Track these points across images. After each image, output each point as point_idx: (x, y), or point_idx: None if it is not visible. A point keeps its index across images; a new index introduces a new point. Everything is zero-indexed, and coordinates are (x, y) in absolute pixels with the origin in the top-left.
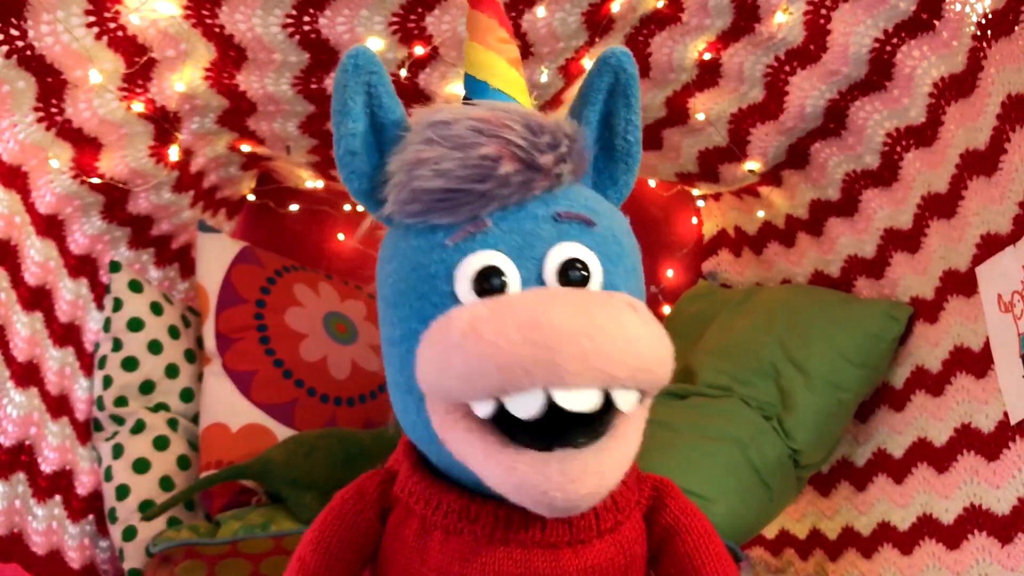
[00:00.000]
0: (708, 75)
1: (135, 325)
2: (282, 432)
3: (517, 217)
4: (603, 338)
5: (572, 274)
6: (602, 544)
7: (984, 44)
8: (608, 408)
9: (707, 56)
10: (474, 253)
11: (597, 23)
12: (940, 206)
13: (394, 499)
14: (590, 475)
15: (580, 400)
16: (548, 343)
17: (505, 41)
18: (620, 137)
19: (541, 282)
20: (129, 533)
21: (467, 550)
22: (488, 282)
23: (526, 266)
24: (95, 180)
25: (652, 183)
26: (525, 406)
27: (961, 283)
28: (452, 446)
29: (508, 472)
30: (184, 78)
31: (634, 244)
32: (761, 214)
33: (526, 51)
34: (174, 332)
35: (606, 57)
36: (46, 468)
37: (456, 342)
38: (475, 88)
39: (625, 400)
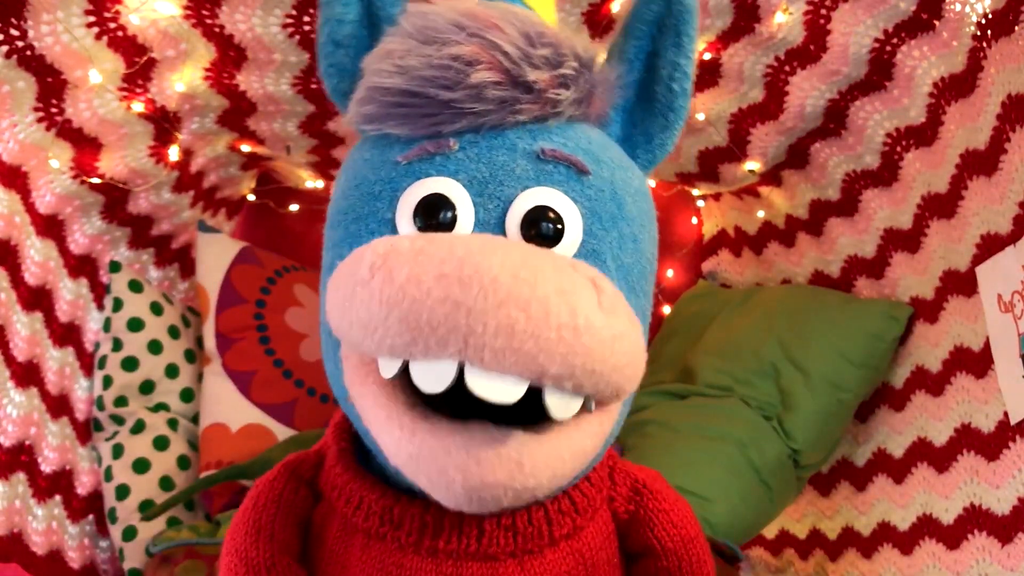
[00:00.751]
0: (708, 75)
1: (135, 325)
2: (282, 432)
3: (491, 144)
4: (543, 317)
5: (543, 227)
6: (555, 554)
7: (984, 44)
8: (539, 404)
9: (707, 56)
10: (427, 178)
11: (597, 23)
12: (940, 206)
13: (320, 490)
14: (504, 462)
15: (496, 388)
16: (470, 304)
17: None
18: (663, 84)
19: (501, 229)
20: (129, 533)
21: (389, 561)
22: (434, 216)
23: (486, 206)
24: (95, 180)
25: (652, 183)
26: (429, 377)
27: (961, 283)
28: (359, 403)
29: (407, 437)
30: (184, 78)
31: (645, 211)
32: (761, 214)
33: None
34: (174, 332)
35: None
36: (46, 468)
37: (363, 277)
38: None
39: (559, 405)
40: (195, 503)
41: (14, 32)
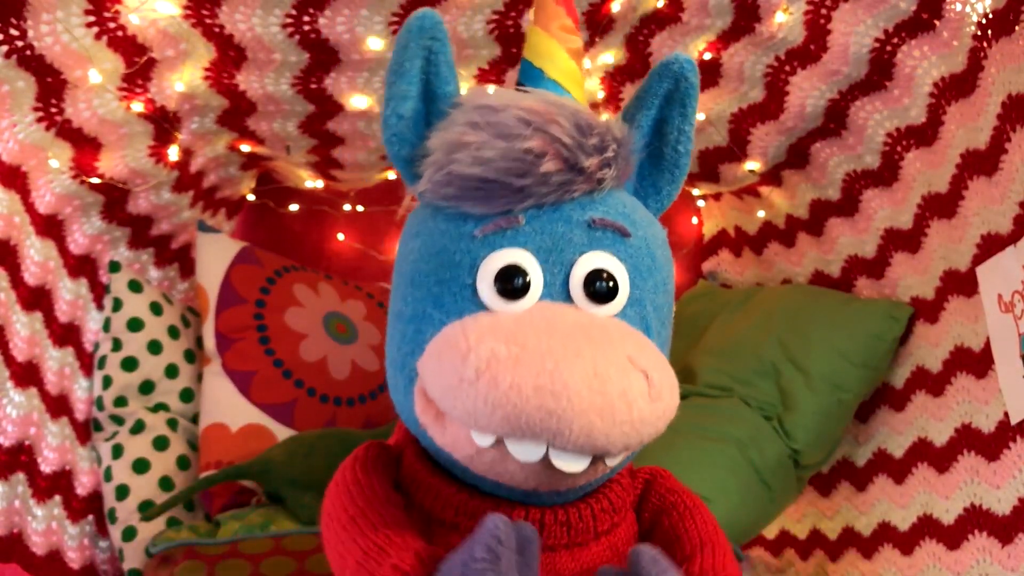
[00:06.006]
0: (708, 75)
1: (135, 325)
2: (282, 432)
3: (551, 218)
4: (611, 418)
5: (599, 285)
6: (598, 547)
7: (984, 44)
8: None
9: (707, 56)
10: (501, 250)
11: (597, 23)
12: (940, 206)
13: (399, 480)
14: (567, 479)
15: (573, 463)
16: (560, 412)
17: (569, 31)
18: (670, 146)
19: (566, 289)
20: (129, 533)
21: None
22: (511, 282)
23: (552, 270)
24: (95, 180)
25: None
26: (525, 453)
27: (961, 283)
28: (433, 434)
29: (488, 464)
30: (184, 78)
31: (668, 257)
32: (761, 214)
33: None
34: (174, 332)
35: (669, 62)
36: (46, 468)
37: (470, 378)
38: (530, 75)
39: (613, 460)
40: (195, 503)
41: (14, 32)
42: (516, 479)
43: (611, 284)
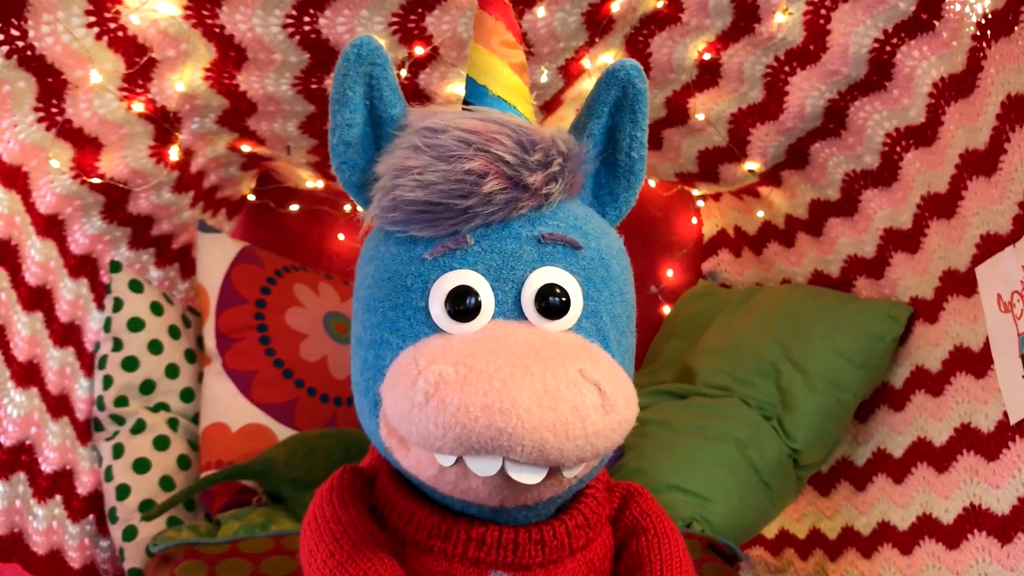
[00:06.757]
0: (708, 75)
1: (135, 325)
2: (282, 432)
3: (500, 236)
4: (564, 433)
5: (551, 300)
6: (574, 563)
7: (984, 44)
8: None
9: (707, 56)
10: (451, 271)
11: (597, 23)
12: (940, 206)
13: (373, 504)
14: (529, 493)
15: (528, 475)
16: (510, 430)
17: (511, 45)
18: (624, 153)
19: (518, 306)
20: (129, 533)
21: (437, 569)
22: (462, 303)
23: (503, 288)
24: (95, 180)
25: (652, 183)
26: (482, 467)
27: (961, 283)
28: (398, 456)
29: (451, 484)
30: (184, 78)
31: (625, 265)
32: (761, 214)
33: (526, 51)
34: (174, 332)
35: (615, 70)
36: (46, 468)
37: (420, 402)
38: (475, 92)
39: (571, 471)
40: (195, 503)
41: (14, 32)
42: (480, 495)
43: (563, 299)
